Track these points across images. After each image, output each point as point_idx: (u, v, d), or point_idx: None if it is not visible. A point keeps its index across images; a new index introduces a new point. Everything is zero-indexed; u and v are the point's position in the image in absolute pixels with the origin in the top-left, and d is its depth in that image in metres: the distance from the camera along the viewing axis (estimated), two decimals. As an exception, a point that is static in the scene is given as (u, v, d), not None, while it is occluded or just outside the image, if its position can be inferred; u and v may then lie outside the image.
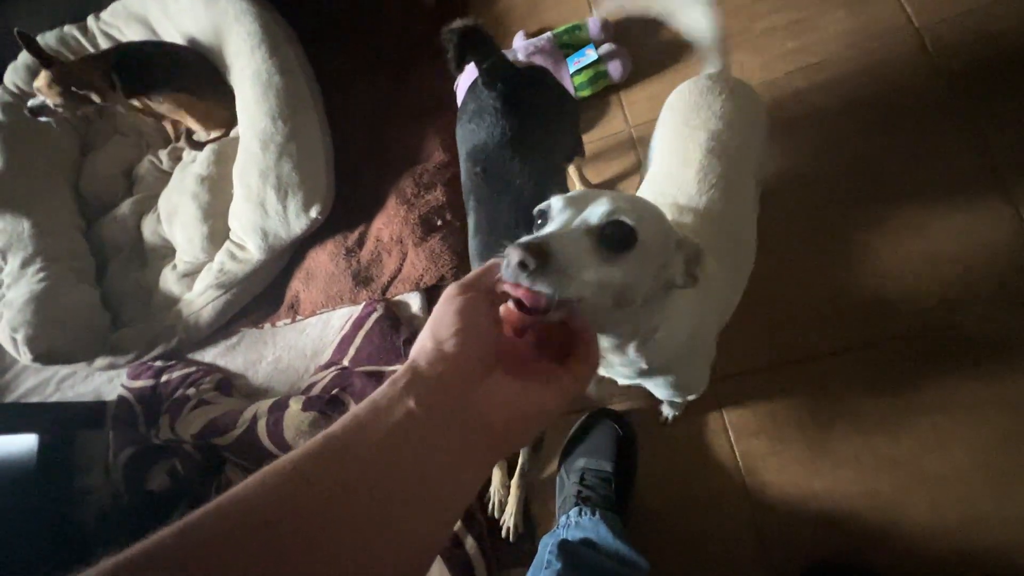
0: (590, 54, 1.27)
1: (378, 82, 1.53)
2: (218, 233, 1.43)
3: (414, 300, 1.29)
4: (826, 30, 1.18)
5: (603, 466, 0.98)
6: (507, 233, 0.82)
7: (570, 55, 1.30)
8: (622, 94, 1.32)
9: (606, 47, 1.29)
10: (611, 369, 0.61)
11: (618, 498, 0.95)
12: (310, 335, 1.38)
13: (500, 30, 1.47)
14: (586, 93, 1.29)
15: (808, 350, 1.01)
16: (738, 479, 0.98)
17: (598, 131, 1.31)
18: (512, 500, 1.05)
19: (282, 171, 1.31)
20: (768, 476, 0.97)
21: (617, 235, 0.41)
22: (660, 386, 0.70)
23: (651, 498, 1.01)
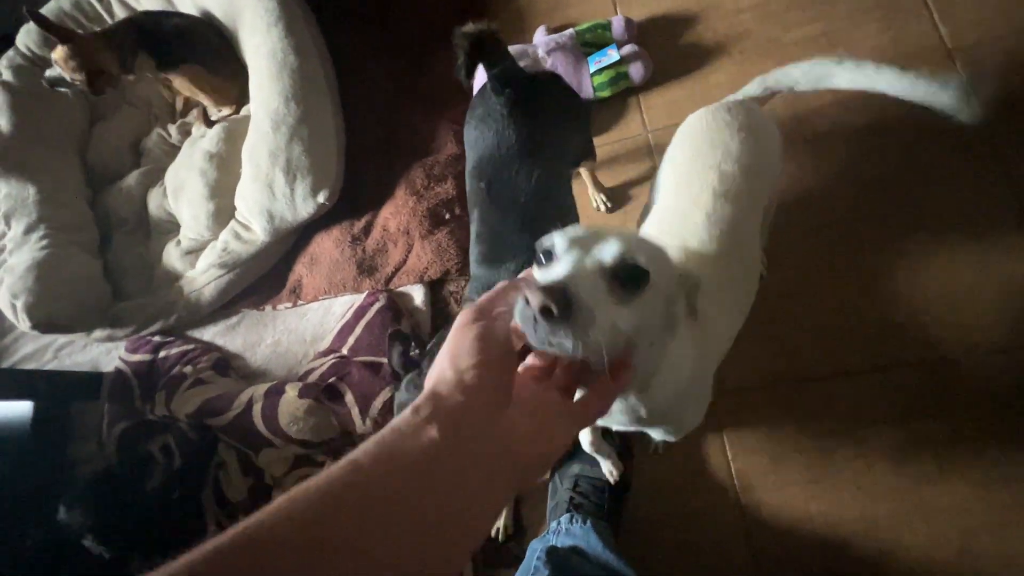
0: (612, 54, 1.24)
1: (394, 68, 1.51)
2: (224, 211, 1.41)
3: (417, 292, 1.27)
4: (858, 45, 1.16)
5: (598, 474, 0.97)
6: (509, 252, 0.80)
7: (591, 54, 1.28)
8: (641, 97, 1.29)
9: (628, 48, 1.26)
10: (608, 417, 0.60)
11: (611, 507, 0.94)
12: (311, 320, 1.37)
13: (521, 24, 1.44)
14: (605, 94, 1.27)
15: (813, 370, 0.99)
16: (733, 495, 0.97)
17: (615, 133, 1.29)
18: (504, 501, 1.05)
19: (292, 153, 1.29)
20: (765, 494, 0.96)
21: (631, 276, 0.39)
22: (656, 430, 0.69)
23: (644, 509, 1.00)
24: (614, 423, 0.63)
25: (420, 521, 0.29)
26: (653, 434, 0.72)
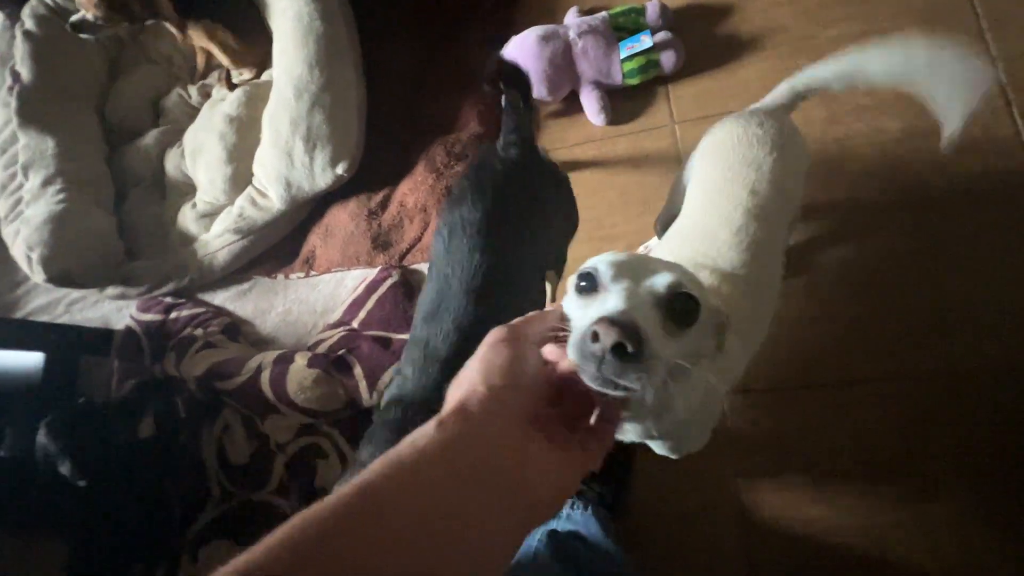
0: (645, 40, 1.21)
1: (420, 41, 1.48)
2: (241, 177, 1.41)
3: (431, 271, 1.27)
4: (897, 47, 1.12)
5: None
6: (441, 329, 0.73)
7: (623, 39, 1.25)
8: (670, 86, 1.26)
9: (661, 35, 1.23)
10: (620, 433, 0.60)
11: (612, 497, 0.95)
12: (322, 292, 1.37)
13: (553, 3, 1.41)
14: (634, 81, 1.24)
15: (824, 375, 0.99)
16: (734, 494, 0.97)
17: (639, 123, 1.26)
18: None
19: (313, 122, 1.28)
20: (765, 495, 0.96)
21: (686, 308, 0.38)
22: (662, 447, 0.68)
23: (644, 502, 1.00)
24: (623, 435, 0.63)
25: (437, 545, 0.28)
26: (655, 447, 0.72)
